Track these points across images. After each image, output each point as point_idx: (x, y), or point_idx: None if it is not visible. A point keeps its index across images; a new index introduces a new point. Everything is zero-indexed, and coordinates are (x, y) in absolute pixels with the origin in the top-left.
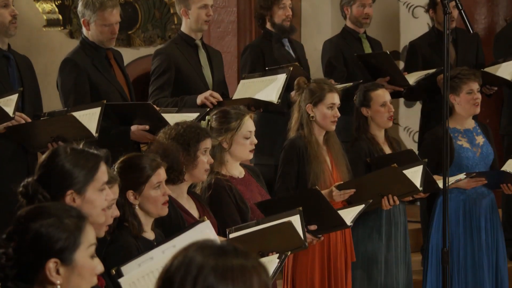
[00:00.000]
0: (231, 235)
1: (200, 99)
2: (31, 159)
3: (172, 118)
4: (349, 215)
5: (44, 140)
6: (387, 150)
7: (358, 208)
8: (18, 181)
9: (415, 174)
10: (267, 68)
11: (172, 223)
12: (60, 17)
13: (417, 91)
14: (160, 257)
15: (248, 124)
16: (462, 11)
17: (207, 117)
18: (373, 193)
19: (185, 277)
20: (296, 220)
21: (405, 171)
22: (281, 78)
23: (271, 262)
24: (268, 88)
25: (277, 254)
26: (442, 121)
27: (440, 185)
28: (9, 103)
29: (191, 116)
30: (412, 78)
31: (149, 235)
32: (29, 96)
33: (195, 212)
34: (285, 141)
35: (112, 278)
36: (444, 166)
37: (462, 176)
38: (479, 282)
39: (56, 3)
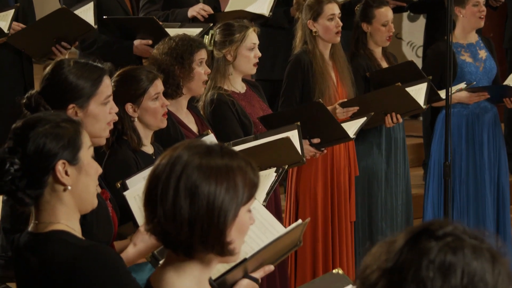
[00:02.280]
0: None
1: (191, 12)
2: (26, 67)
3: (175, 33)
4: (351, 128)
5: (46, 44)
6: (385, 65)
7: (361, 121)
8: (14, 89)
9: (419, 92)
10: None
11: (171, 138)
12: None
13: (423, 4)
14: None
15: (252, 36)
16: None
17: (210, 31)
18: (376, 111)
19: (169, 174)
20: (294, 135)
21: (409, 89)
22: None
23: (268, 176)
24: (260, 1)
25: (275, 168)
26: (444, 36)
27: (442, 95)
28: (5, 19)
29: (194, 31)
30: None
31: (148, 149)
32: (23, 12)
33: (194, 127)
34: (286, 56)
35: (117, 191)
36: (448, 81)
37: (462, 85)
38: (480, 196)
39: None
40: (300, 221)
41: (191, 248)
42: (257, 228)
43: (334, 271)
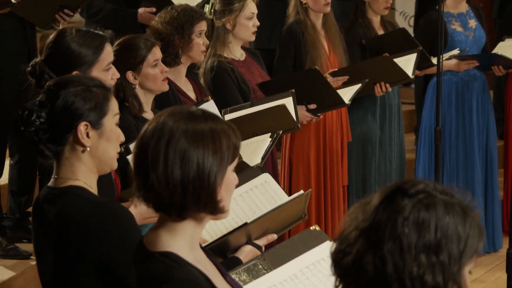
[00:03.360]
0: (226, 116)
1: None
2: (29, 35)
3: (178, 1)
4: (346, 94)
5: (49, 13)
6: None
7: (355, 88)
8: (18, 57)
9: (408, 62)
10: None
11: (171, 105)
12: None
13: None
14: None
15: (251, 6)
16: None
17: (211, 0)
18: (365, 80)
19: (158, 141)
20: (289, 102)
21: (397, 59)
22: None
23: (263, 141)
24: None
25: (270, 133)
26: (436, 6)
27: (434, 62)
28: None
29: (196, 0)
30: None
31: (149, 115)
32: None
33: (192, 95)
34: (283, 26)
35: (120, 155)
36: (439, 50)
37: (456, 51)
38: (469, 160)
39: None
40: (302, 191)
41: (184, 208)
42: (267, 201)
43: (311, 228)
